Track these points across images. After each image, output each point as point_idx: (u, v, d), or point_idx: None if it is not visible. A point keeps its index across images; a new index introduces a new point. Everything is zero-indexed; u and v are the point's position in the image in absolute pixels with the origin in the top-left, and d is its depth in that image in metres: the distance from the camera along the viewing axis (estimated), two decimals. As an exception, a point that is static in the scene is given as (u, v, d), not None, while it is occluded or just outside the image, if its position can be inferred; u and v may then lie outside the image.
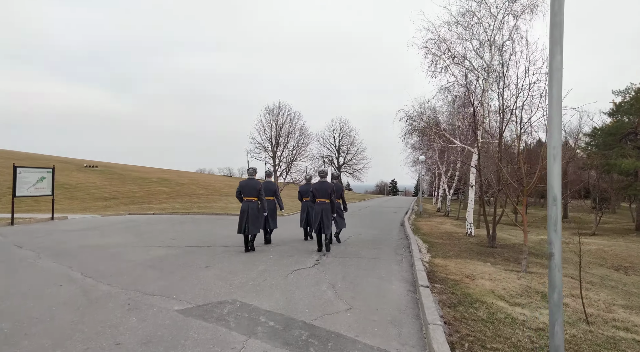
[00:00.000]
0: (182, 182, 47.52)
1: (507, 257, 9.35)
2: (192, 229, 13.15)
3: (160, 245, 9.37)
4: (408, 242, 10.33)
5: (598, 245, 13.05)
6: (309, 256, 7.91)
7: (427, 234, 12.13)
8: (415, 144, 38.79)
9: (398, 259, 7.92)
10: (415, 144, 38.79)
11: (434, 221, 17.61)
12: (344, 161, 53.46)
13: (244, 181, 8.69)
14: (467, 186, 25.70)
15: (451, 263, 7.62)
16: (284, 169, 28.23)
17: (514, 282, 6.27)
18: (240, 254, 8.15)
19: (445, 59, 12.71)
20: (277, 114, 28.22)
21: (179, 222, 15.53)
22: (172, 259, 7.57)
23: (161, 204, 30.97)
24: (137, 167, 60.45)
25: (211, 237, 10.77)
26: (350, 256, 8.05)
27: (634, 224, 21.27)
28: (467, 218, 12.24)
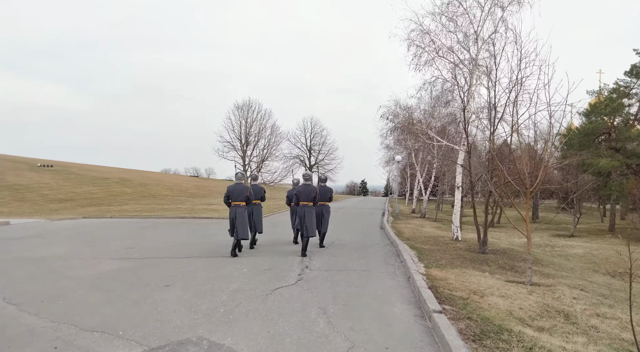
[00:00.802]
0: (146, 183, 45.17)
1: (502, 265, 8.60)
2: (154, 235, 11.78)
3: (114, 256, 8.06)
4: (395, 249, 9.43)
5: (584, 248, 12.67)
6: (289, 269, 6.84)
7: (411, 239, 11.30)
8: (390, 144, 38.40)
9: (391, 271, 6.98)
10: (390, 144, 38.40)
11: (413, 223, 16.90)
12: (316, 161, 52.47)
13: (232, 185, 8.48)
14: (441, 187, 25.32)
15: (449, 274, 6.75)
16: (255, 169, 26.89)
17: (528, 300, 5.44)
18: (208, 267, 6.99)
19: (430, 52, 11.94)
20: (246, 111, 26.94)
21: (140, 227, 14.07)
22: (125, 275, 6.33)
23: (122, 206, 29.01)
24: (96, 166, 57.28)
25: (175, 246, 9.51)
26: (336, 268, 7.03)
27: (608, 224, 21.39)
28: (454, 221, 11.51)
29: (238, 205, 8.28)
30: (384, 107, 12.65)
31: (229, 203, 8.44)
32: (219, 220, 17.22)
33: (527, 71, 9.02)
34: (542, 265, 9.10)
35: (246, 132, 26.98)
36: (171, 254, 8.32)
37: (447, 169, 18.02)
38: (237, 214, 8.18)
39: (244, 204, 8.37)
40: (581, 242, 15.27)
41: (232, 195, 8.36)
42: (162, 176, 60.34)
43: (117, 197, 34.94)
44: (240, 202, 8.32)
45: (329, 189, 9.88)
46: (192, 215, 18.84)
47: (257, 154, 27.05)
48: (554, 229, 20.28)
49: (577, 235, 17.68)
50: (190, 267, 6.97)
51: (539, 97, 7.53)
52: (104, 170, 53.29)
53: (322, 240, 9.71)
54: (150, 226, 14.48)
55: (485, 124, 12.29)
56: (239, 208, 8.26)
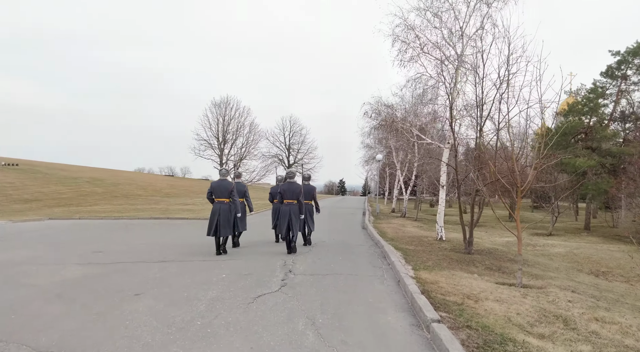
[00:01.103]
0: (118, 182, 43.71)
1: (489, 266, 8.41)
2: (125, 237, 11.12)
3: (80, 261, 7.44)
4: (381, 250, 9.13)
5: (565, 247, 12.71)
6: (271, 273, 6.41)
7: (395, 239, 11.03)
8: (370, 144, 38.30)
9: (379, 274, 6.64)
10: (370, 144, 38.30)
11: (394, 223, 16.69)
12: (295, 160, 51.91)
13: (216, 181, 8.52)
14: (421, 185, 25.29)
15: (439, 277, 6.46)
16: (232, 168, 26.19)
17: (524, 304, 5.19)
18: (183, 272, 6.48)
19: (415, 48, 11.70)
20: (224, 109, 26.25)
21: (110, 228, 13.33)
22: (92, 283, 5.76)
23: (92, 206, 27.84)
24: (66, 165, 55.16)
25: (147, 249, 8.92)
26: (322, 271, 6.64)
27: (583, 223, 21.81)
28: (438, 221, 11.30)
29: (222, 202, 8.24)
30: (367, 104, 12.35)
31: (212, 199, 8.36)
32: (195, 221, 16.58)
33: (514, 68, 8.89)
34: (529, 265, 8.97)
35: (224, 130, 26.23)
36: (143, 258, 7.76)
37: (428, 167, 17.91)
38: (221, 211, 8.13)
39: (227, 201, 8.31)
40: (560, 241, 15.39)
41: (215, 191, 8.32)
42: (136, 175, 58.64)
43: (87, 197, 33.56)
44: (223, 198, 8.27)
45: (313, 187, 9.83)
46: (166, 215, 18.11)
47: (235, 153, 26.35)
48: (531, 227, 20.48)
49: (555, 234, 17.88)
50: (163, 273, 6.45)
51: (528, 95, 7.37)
52: (74, 169, 51.37)
53: (308, 239, 9.62)
54: (121, 227, 13.74)
55: (470, 122, 12.16)
56: (223, 205, 8.22)
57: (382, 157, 22.62)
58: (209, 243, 9.84)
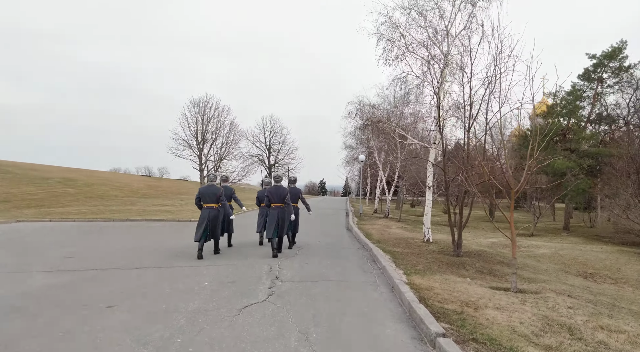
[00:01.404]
0: (92, 183, 42.28)
1: (479, 269, 8.21)
2: (98, 241, 10.51)
3: (47, 268, 6.88)
4: (369, 254, 8.83)
5: (549, 248, 12.70)
6: (257, 281, 6.01)
7: (382, 241, 10.76)
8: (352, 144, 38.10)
9: (371, 280, 6.32)
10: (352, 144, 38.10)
11: (378, 224, 16.45)
12: (275, 161, 51.30)
13: (204, 187, 8.38)
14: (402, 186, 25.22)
15: (433, 282, 6.19)
16: (212, 169, 25.51)
17: (525, 311, 4.95)
18: (162, 280, 6.02)
19: (400, 46, 11.47)
20: (203, 108, 25.42)
21: (82, 231, 12.64)
22: (59, 294, 5.26)
23: (64, 207, 26.74)
24: (37, 165, 53.11)
25: (122, 254, 8.38)
26: (310, 278, 6.28)
27: (562, 223, 22.11)
28: (425, 223, 11.08)
29: (211, 207, 8.18)
30: (351, 104, 12.03)
31: (201, 205, 8.27)
32: (174, 223, 15.97)
33: (502, 67, 8.75)
34: (518, 268, 8.80)
35: (203, 129, 25.47)
36: (118, 265, 7.24)
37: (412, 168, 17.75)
38: (210, 217, 8.08)
39: (216, 206, 8.27)
40: (543, 241, 15.45)
41: (203, 197, 8.22)
42: (111, 176, 56.98)
43: (60, 198, 32.30)
44: (212, 204, 8.21)
45: (299, 190, 9.92)
46: (143, 217, 17.41)
47: (214, 153, 25.59)
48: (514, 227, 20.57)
49: (536, 234, 18.00)
50: (140, 281, 5.97)
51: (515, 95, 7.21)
52: (46, 169, 49.48)
53: (293, 241, 9.62)
54: (95, 230, 13.06)
55: (455, 122, 12.02)
56: (212, 210, 8.17)
57: (365, 157, 22.40)
58: (189, 247, 9.36)
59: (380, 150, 24.54)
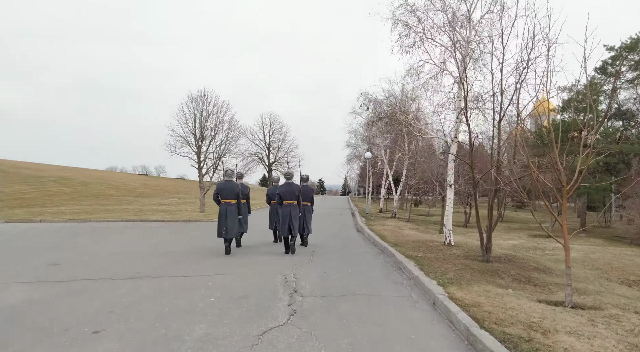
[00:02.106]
0: (88, 182, 41.29)
1: (515, 277, 7.33)
2: (90, 244, 9.59)
3: (28, 278, 5.97)
4: (392, 259, 7.96)
5: (577, 251, 11.85)
6: (273, 295, 5.10)
7: (399, 244, 9.88)
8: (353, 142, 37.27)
9: (404, 292, 5.43)
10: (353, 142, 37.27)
11: (389, 225, 15.57)
12: (275, 159, 50.33)
13: (222, 183, 8.39)
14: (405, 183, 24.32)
15: (476, 296, 5.31)
16: (211, 167, 24.48)
17: (605, 337, 4.06)
18: (160, 294, 5.12)
19: (418, 32, 10.57)
20: (202, 103, 24.26)
21: (74, 233, 11.71)
22: (36, 313, 4.35)
23: (58, 207, 25.81)
24: (32, 164, 52.03)
25: (115, 260, 7.47)
26: (334, 291, 5.38)
27: (576, 223, 21.29)
28: (445, 224, 10.20)
29: (228, 203, 8.10)
30: (364, 95, 11.10)
31: (219, 201, 8.19)
32: (172, 224, 15.05)
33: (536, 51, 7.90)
34: (556, 275, 7.95)
35: (201, 126, 24.40)
36: (109, 273, 6.33)
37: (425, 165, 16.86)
38: (228, 212, 8.02)
39: (234, 202, 8.18)
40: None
41: (221, 193, 8.14)
42: (107, 174, 55.97)
43: (54, 197, 31.35)
44: (230, 199, 8.13)
45: (311, 188, 9.56)
46: (139, 217, 16.48)
47: (213, 150, 24.53)
48: (526, 228, 19.81)
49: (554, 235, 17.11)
50: (134, 295, 5.06)
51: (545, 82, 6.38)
52: (40, 167, 48.38)
53: (305, 239, 9.45)
54: (87, 232, 12.13)
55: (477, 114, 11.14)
56: (230, 206, 8.09)
57: (371, 155, 21.54)
58: (190, 251, 8.46)
59: (386, 148, 23.67)
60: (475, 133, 10.77)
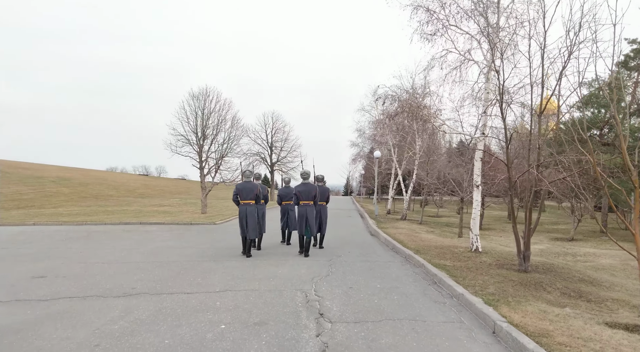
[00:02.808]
0: (87, 182, 40.52)
1: (563, 290, 6.43)
2: (84, 251, 8.71)
3: (6, 295, 5.13)
4: (422, 270, 7.08)
5: (611, 258, 10.95)
6: (295, 321, 4.21)
7: (421, 251, 8.99)
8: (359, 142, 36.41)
9: (454, 317, 4.52)
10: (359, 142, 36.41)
11: (402, 228, 14.66)
12: (278, 158, 49.26)
13: (241, 183, 8.31)
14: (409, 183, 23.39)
15: (539, 320, 4.42)
16: (213, 166, 23.57)
17: None
18: (159, 319, 4.23)
19: (441, 19, 9.67)
20: (203, 101, 23.37)
21: (68, 237, 10.84)
22: (3, 347, 3.48)
23: (56, 208, 25.02)
24: (31, 164, 51.32)
25: (109, 271, 6.59)
26: (367, 313, 4.48)
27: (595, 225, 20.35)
28: (472, 229, 9.30)
29: (248, 204, 8.09)
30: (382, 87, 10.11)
31: (238, 202, 8.18)
32: (173, 226, 14.18)
33: (580, 36, 7.03)
34: (606, 287, 7.05)
35: (203, 124, 23.50)
36: (100, 289, 5.45)
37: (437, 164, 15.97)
38: (247, 213, 8.01)
39: (253, 203, 8.15)
40: (593, 248, 13.70)
41: (241, 193, 8.13)
42: (107, 175, 55.20)
43: (52, 198, 30.58)
44: (249, 200, 8.11)
45: (327, 188, 9.43)
46: (138, 220, 15.61)
47: (215, 150, 23.62)
48: (543, 231, 18.87)
49: (576, 238, 16.25)
50: (127, 320, 4.18)
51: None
52: (40, 168, 47.63)
53: (322, 241, 9.46)
54: (83, 236, 11.25)
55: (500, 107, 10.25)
56: (250, 207, 8.08)
57: (380, 154, 20.63)
58: (193, 260, 7.59)
59: (395, 146, 22.77)
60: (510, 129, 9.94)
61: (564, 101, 7.56)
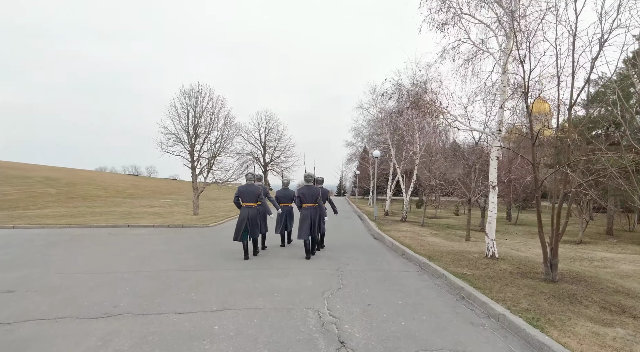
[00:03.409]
0: (75, 182, 39.32)
1: (601, 304, 5.74)
2: (62, 258, 7.86)
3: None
4: (442, 281, 6.36)
5: (632, 263, 10.34)
6: (312, 348, 3.46)
7: (433, 257, 8.27)
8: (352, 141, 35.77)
9: (500, 344, 3.79)
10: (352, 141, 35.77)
11: (404, 230, 13.95)
12: (271, 159, 48.44)
13: (243, 186, 8.33)
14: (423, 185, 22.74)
15: (600, 349, 3.72)
16: (205, 166, 22.65)
17: None
18: (146, 345, 3.45)
19: (452, 7, 8.97)
20: (195, 99, 22.38)
21: (48, 242, 9.97)
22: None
23: (41, 209, 23.98)
24: (17, 164, 49.91)
25: (90, 283, 5.76)
26: (402, 344, 3.70)
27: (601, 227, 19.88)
28: (488, 233, 8.59)
29: (250, 206, 8.10)
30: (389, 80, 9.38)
31: (239, 204, 8.21)
32: (163, 229, 13.32)
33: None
34: (633, 296, 6.38)
35: (195, 122, 22.54)
36: (76, 307, 4.65)
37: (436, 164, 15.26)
38: (249, 216, 8.02)
39: (255, 205, 8.17)
40: (605, 251, 13.13)
41: (243, 196, 8.14)
42: (96, 175, 53.89)
43: (38, 199, 29.42)
44: (251, 203, 8.13)
45: (326, 190, 9.60)
46: (127, 222, 14.72)
47: (207, 149, 22.67)
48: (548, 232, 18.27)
49: (584, 240, 15.70)
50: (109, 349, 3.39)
51: None
52: (27, 167, 46.25)
53: (322, 241, 9.45)
54: (65, 240, 10.38)
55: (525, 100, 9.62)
56: (251, 209, 8.09)
57: (379, 153, 19.91)
58: (186, 269, 6.79)
59: (394, 145, 22.09)
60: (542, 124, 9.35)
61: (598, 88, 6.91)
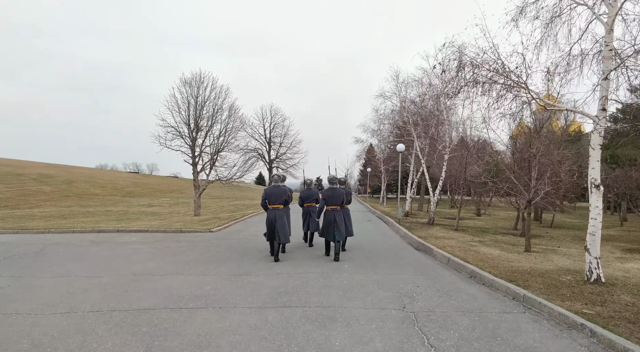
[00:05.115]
0: (72, 180, 37.27)
1: None
2: (27, 277, 5.71)
3: None
4: (581, 336, 4.15)
5: None
6: None
7: (517, 281, 6.10)
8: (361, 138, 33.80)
9: None
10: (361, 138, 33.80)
11: (445, 237, 11.71)
12: (277, 155, 46.17)
13: (270, 188, 8.18)
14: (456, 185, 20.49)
15: None
16: (207, 162, 20.43)
17: None
18: None
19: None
20: (197, 88, 20.08)
21: (17, 254, 7.88)
22: None
23: (31, 209, 22.01)
24: (12, 160, 48.00)
25: (30, 338, 3.56)
26: None
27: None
28: (590, 249, 6.29)
29: (277, 208, 7.93)
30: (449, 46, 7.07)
31: (267, 207, 8.03)
32: (158, 235, 11.16)
33: None
34: None
35: (196, 114, 20.21)
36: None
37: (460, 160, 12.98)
38: (277, 218, 7.79)
39: (282, 207, 8.04)
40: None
41: (270, 198, 7.98)
42: (95, 172, 51.91)
43: (30, 197, 27.39)
44: (278, 205, 7.97)
45: (349, 192, 9.59)
46: (117, 226, 12.58)
47: (210, 143, 20.34)
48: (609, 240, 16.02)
49: None
50: None
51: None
52: (21, 164, 44.28)
53: (344, 244, 9.03)
54: (31, 253, 8.26)
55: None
56: (278, 211, 7.90)
57: (404, 147, 17.74)
58: (182, 304, 4.58)
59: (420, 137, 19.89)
60: None
61: None
